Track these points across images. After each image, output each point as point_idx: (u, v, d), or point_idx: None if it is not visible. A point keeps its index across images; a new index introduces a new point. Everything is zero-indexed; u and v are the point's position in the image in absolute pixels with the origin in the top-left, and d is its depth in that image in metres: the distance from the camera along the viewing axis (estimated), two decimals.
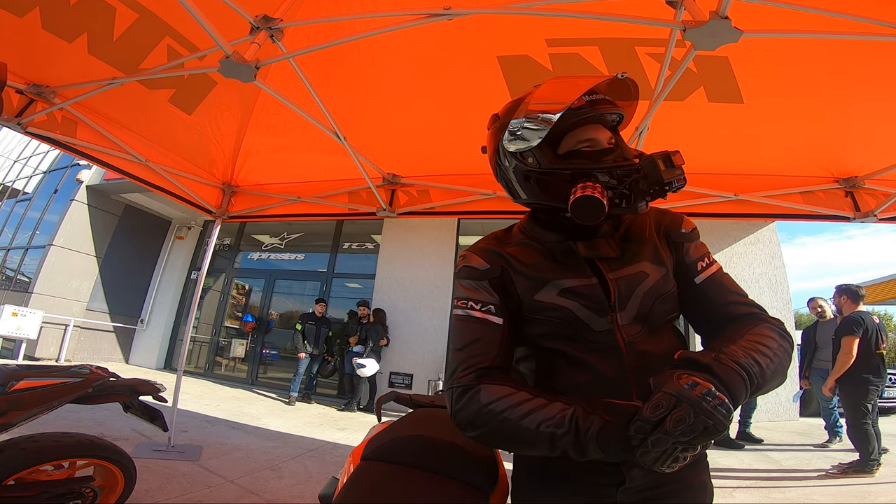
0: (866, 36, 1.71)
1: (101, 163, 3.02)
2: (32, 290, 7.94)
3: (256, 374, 7.97)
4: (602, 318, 0.83)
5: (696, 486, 0.84)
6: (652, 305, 0.85)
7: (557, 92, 0.84)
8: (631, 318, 0.84)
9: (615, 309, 0.83)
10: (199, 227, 9.47)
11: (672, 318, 0.91)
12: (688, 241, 0.91)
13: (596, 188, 0.79)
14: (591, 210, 0.78)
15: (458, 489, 1.02)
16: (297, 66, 2.20)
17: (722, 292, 0.87)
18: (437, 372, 6.63)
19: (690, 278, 0.89)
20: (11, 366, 1.85)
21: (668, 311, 0.88)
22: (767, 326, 0.79)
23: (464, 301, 0.88)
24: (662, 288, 0.86)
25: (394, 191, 3.44)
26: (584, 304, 0.83)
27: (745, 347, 0.71)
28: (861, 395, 3.80)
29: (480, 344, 0.83)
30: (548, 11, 1.76)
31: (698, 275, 0.88)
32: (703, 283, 0.88)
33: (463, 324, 0.87)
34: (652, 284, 0.85)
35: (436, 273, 7.18)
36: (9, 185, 11.19)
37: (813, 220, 2.95)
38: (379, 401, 1.56)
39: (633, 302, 0.84)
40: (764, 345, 0.73)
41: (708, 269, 0.89)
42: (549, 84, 0.87)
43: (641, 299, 0.84)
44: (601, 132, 0.86)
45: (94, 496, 1.98)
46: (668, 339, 0.87)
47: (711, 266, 0.89)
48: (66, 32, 2.28)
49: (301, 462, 3.68)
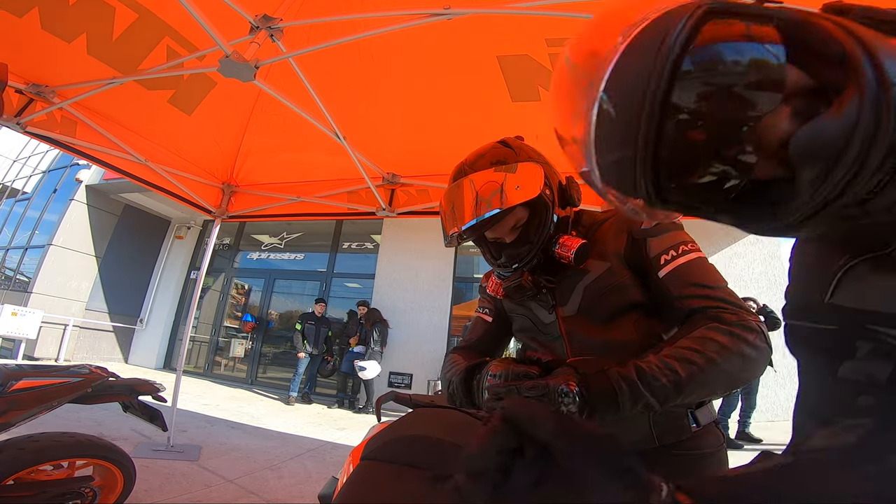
0: None
1: (100, 162, 3.01)
2: (32, 290, 7.93)
3: (256, 374, 7.97)
4: (547, 311, 0.99)
5: None
6: (598, 298, 0.91)
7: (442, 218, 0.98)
8: (574, 310, 0.94)
9: (557, 303, 0.97)
10: (199, 227, 9.46)
11: (632, 309, 0.90)
12: (649, 236, 0.89)
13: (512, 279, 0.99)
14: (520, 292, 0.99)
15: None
16: (296, 66, 2.19)
17: (680, 285, 0.83)
18: (437, 372, 6.63)
19: (654, 273, 0.87)
20: (11, 365, 1.85)
21: (618, 302, 0.90)
22: (712, 328, 0.74)
23: (477, 308, 1.22)
24: (606, 281, 0.91)
25: (393, 190, 3.43)
26: (538, 301, 1.01)
27: (666, 357, 0.72)
28: None
29: (472, 332, 1.18)
30: (548, 11, 1.77)
31: (661, 269, 0.86)
32: (665, 276, 0.85)
33: (473, 319, 1.21)
34: (594, 279, 0.92)
35: (436, 273, 7.18)
36: (8, 184, 11.18)
37: None
38: (379, 401, 1.56)
39: (574, 297, 0.94)
40: (694, 349, 0.71)
41: (672, 263, 0.85)
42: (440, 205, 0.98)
43: (583, 293, 0.93)
44: (494, 230, 0.94)
45: (94, 496, 1.97)
46: (620, 330, 0.90)
47: (678, 258, 0.85)
48: (65, 33, 2.28)
49: (301, 462, 3.67)
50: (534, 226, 0.91)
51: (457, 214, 0.89)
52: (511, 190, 0.85)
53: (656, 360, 0.71)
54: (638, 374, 0.70)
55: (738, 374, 0.73)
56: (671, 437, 0.86)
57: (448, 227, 0.93)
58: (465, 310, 7.12)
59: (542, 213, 0.90)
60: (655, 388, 0.69)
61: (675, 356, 0.71)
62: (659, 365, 0.70)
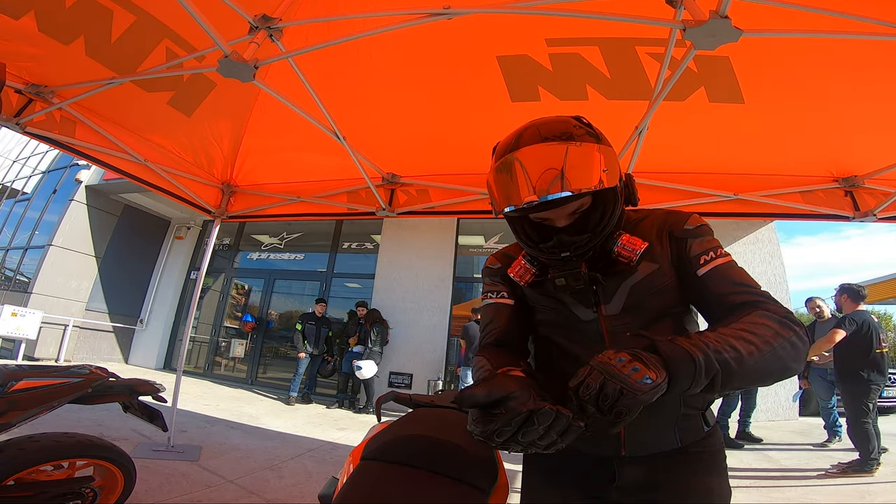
0: (866, 35, 1.71)
1: (100, 163, 3.01)
2: (31, 291, 7.93)
3: (256, 374, 7.97)
4: (588, 308, 0.92)
5: (698, 490, 0.85)
6: (642, 299, 0.90)
7: (496, 188, 0.85)
8: (617, 310, 0.90)
9: (600, 301, 0.92)
10: (199, 227, 9.46)
11: (674, 313, 0.92)
12: (691, 237, 0.92)
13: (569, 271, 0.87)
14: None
15: (457, 489, 1.02)
16: (296, 66, 2.19)
17: (724, 283, 0.86)
18: (437, 372, 6.63)
19: (693, 272, 0.89)
20: (11, 366, 1.85)
21: (663, 305, 0.91)
22: (763, 314, 0.76)
23: (485, 294, 1.08)
24: (653, 282, 0.90)
25: (393, 190, 3.43)
26: (575, 296, 0.93)
27: (723, 334, 0.70)
28: (862, 394, 3.80)
29: (493, 324, 1.02)
30: (548, 11, 1.76)
31: (700, 268, 0.88)
32: (705, 275, 0.87)
33: (484, 310, 1.06)
34: (640, 279, 0.90)
35: (436, 273, 7.18)
36: (8, 185, 11.18)
37: (812, 219, 2.95)
38: (379, 401, 1.56)
39: (619, 295, 0.90)
40: (750, 332, 0.71)
41: (712, 262, 0.88)
42: (493, 172, 0.86)
43: (628, 293, 0.90)
44: (554, 211, 0.86)
45: (94, 496, 1.97)
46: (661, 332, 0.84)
47: (717, 259, 0.88)
48: (62, 35, 2.27)
49: (301, 462, 3.67)
50: (598, 216, 0.86)
51: (533, 182, 0.77)
52: (599, 171, 0.78)
53: (714, 336, 0.69)
54: (707, 344, 0.67)
55: (788, 363, 0.73)
56: (690, 438, 0.90)
57: (513, 196, 0.80)
58: (465, 310, 7.12)
59: (612, 205, 0.86)
60: (722, 362, 0.66)
61: (733, 335, 0.70)
62: (719, 340, 0.68)
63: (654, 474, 0.86)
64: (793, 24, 1.78)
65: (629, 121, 2.37)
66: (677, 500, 0.84)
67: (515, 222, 0.93)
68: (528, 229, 0.92)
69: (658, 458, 0.87)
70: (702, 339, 0.68)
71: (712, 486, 0.87)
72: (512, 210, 0.83)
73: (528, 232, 0.92)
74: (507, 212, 0.85)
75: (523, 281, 0.96)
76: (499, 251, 1.12)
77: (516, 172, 0.80)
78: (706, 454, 0.90)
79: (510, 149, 0.83)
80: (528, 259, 0.96)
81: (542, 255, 0.90)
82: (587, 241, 0.85)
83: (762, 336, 0.71)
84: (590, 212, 0.86)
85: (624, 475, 0.86)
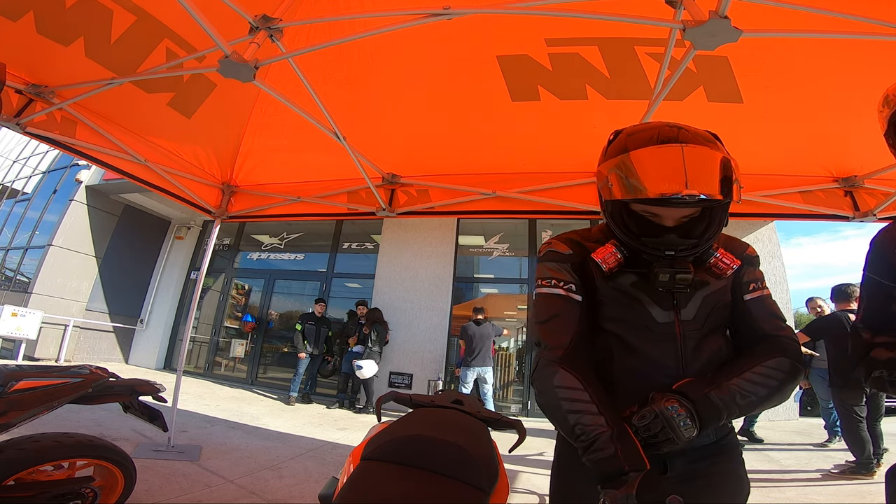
0: (866, 35, 1.71)
1: (100, 163, 3.01)
2: (32, 291, 7.93)
3: (256, 374, 7.97)
4: (665, 311, 0.98)
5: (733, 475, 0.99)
6: (710, 310, 1.00)
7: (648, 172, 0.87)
8: (691, 316, 0.98)
9: (678, 305, 0.98)
10: (199, 228, 9.46)
11: (725, 326, 1.05)
12: (747, 264, 1.05)
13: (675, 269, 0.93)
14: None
15: (457, 489, 1.02)
16: (296, 66, 2.19)
17: (764, 315, 1.02)
18: (437, 372, 6.63)
19: (741, 294, 1.04)
20: (11, 366, 1.85)
21: (722, 318, 1.02)
22: (780, 360, 0.94)
23: (548, 280, 1.02)
24: (719, 297, 1.01)
25: (393, 190, 3.43)
26: (651, 297, 0.97)
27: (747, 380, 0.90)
28: (853, 397, 3.78)
29: (560, 319, 0.98)
30: (547, 11, 1.76)
31: (748, 293, 1.04)
32: (750, 301, 1.03)
33: (546, 300, 1.01)
34: (712, 291, 1.00)
35: (435, 273, 7.18)
36: (8, 185, 11.18)
37: (812, 219, 2.95)
38: (379, 401, 1.56)
39: (693, 303, 0.99)
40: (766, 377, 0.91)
41: (757, 291, 1.04)
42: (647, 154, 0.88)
43: (701, 302, 0.99)
44: (671, 210, 0.92)
45: (94, 496, 1.97)
46: (717, 342, 1.00)
47: (762, 290, 1.04)
48: (61, 36, 2.27)
49: (301, 462, 3.68)
50: (704, 226, 0.93)
51: (690, 177, 0.83)
52: (736, 186, 0.88)
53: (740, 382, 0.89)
54: (731, 396, 0.88)
55: (786, 396, 0.96)
56: (721, 433, 1.02)
57: (665, 184, 0.84)
58: (465, 310, 7.12)
59: (723, 217, 0.94)
60: (741, 406, 0.88)
61: (753, 380, 0.90)
62: (744, 388, 0.89)
63: (697, 464, 0.96)
64: (792, 24, 1.78)
65: (629, 120, 2.34)
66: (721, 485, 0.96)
67: (622, 211, 0.95)
68: (628, 221, 0.95)
69: (700, 450, 0.96)
70: (730, 392, 0.88)
71: (741, 473, 1.00)
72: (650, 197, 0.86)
73: (629, 223, 0.95)
74: (629, 199, 0.90)
75: (607, 266, 0.96)
76: (561, 235, 1.09)
77: (675, 163, 0.84)
78: (730, 446, 1.02)
79: (669, 140, 0.87)
80: (618, 248, 0.97)
81: (644, 248, 0.93)
82: (693, 246, 0.93)
83: (776, 380, 0.92)
84: (697, 220, 0.93)
85: (675, 466, 0.95)
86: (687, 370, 0.94)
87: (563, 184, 3.08)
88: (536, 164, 3.08)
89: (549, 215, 3.91)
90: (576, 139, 2.82)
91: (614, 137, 0.99)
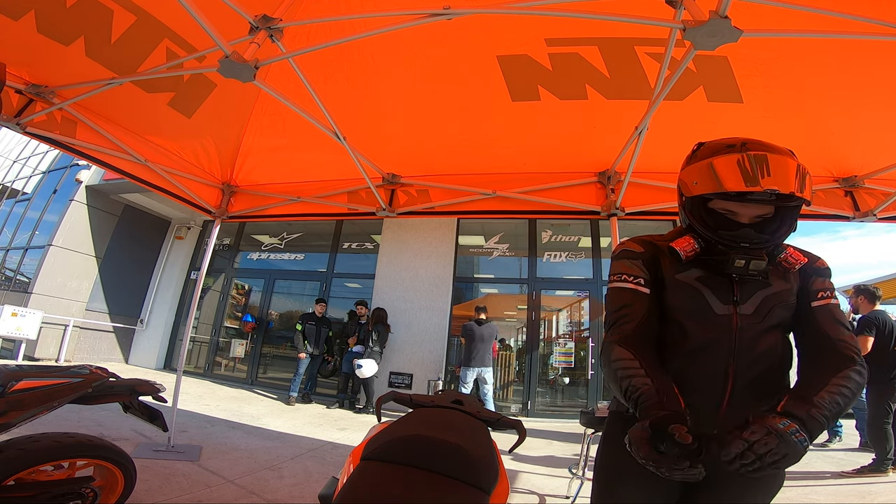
0: (866, 36, 1.71)
1: (100, 163, 3.01)
2: (32, 291, 7.93)
3: (256, 374, 7.97)
4: (725, 304, 1.07)
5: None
6: (771, 307, 1.08)
7: (732, 171, 0.99)
8: (751, 311, 1.07)
9: (738, 301, 1.07)
10: (199, 228, 9.46)
11: (783, 327, 1.11)
12: (816, 274, 1.13)
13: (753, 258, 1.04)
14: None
15: (458, 489, 1.02)
16: (296, 66, 2.19)
17: (829, 320, 1.08)
18: (437, 372, 6.63)
19: (808, 301, 1.11)
20: (11, 366, 1.85)
21: (780, 319, 1.09)
22: (853, 370, 1.00)
23: (618, 276, 1.15)
24: (782, 297, 1.09)
25: (393, 191, 3.43)
26: (712, 291, 1.08)
27: (831, 393, 0.95)
28: (887, 394, 3.77)
29: (629, 308, 1.10)
30: (547, 11, 1.76)
31: (816, 300, 1.10)
32: (817, 308, 1.09)
33: (615, 293, 1.14)
34: (774, 292, 1.09)
35: (435, 273, 7.18)
36: (8, 185, 11.18)
37: (813, 219, 2.95)
38: (379, 401, 1.56)
39: (753, 300, 1.08)
40: (846, 387, 0.96)
41: (825, 300, 1.10)
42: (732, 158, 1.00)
43: (762, 300, 1.08)
44: (746, 208, 1.04)
45: (94, 496, 1.97)
46: (774, 338, 1.08)
47: (829, 299, 1.10)
48: (62, 35, 2.27)
49: (301, 462, 3.67)
50: (776, 226, 1.05)
51: (776, 178, 0.95)
52: (810, 192, 1.01)
53: (828, 397, 0.94)
54: (823, 410, 0.92)
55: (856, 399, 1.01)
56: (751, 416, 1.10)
57: (752, 180, 0.96)
58: (465, 310, 7.12)
59: (793, 221, 1.06)
60: (829, 418, 0.93)
61: (837, 392, 0.96)
62: (830, 401, 0.94)
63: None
64: (792, 25, 1.78)
65: (628, 120, 2.37)
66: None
67: (700, 208, 1.08)
68: (706, 217, 1.07)
69: None
70: (825, 404, 0.92)
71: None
72: (731, 191, 0.98)
73: (706, 219, 1.07)
74: (713, 192, 1.01)
75: (685, 254, 1.09)
76: (637, 237, 1.22)
77: (757, 164, 0.97)
78: None
79: (755, 149, 1.00)
80: (695, 239, 1.10)
81: (721, 240, 1.05)
82: (766, 241, 1.04)
83: (852, 390, 0.97)
84: (770, 220, 1.06)
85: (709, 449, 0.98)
86: (738, 358, 1.04)
87: (563, 184, 3.08)
88: (536, 164, 3.08)
89: (549, 215, 3.92)
90: (576, 139, 2.83)
91: (698, 148, 1.13)
